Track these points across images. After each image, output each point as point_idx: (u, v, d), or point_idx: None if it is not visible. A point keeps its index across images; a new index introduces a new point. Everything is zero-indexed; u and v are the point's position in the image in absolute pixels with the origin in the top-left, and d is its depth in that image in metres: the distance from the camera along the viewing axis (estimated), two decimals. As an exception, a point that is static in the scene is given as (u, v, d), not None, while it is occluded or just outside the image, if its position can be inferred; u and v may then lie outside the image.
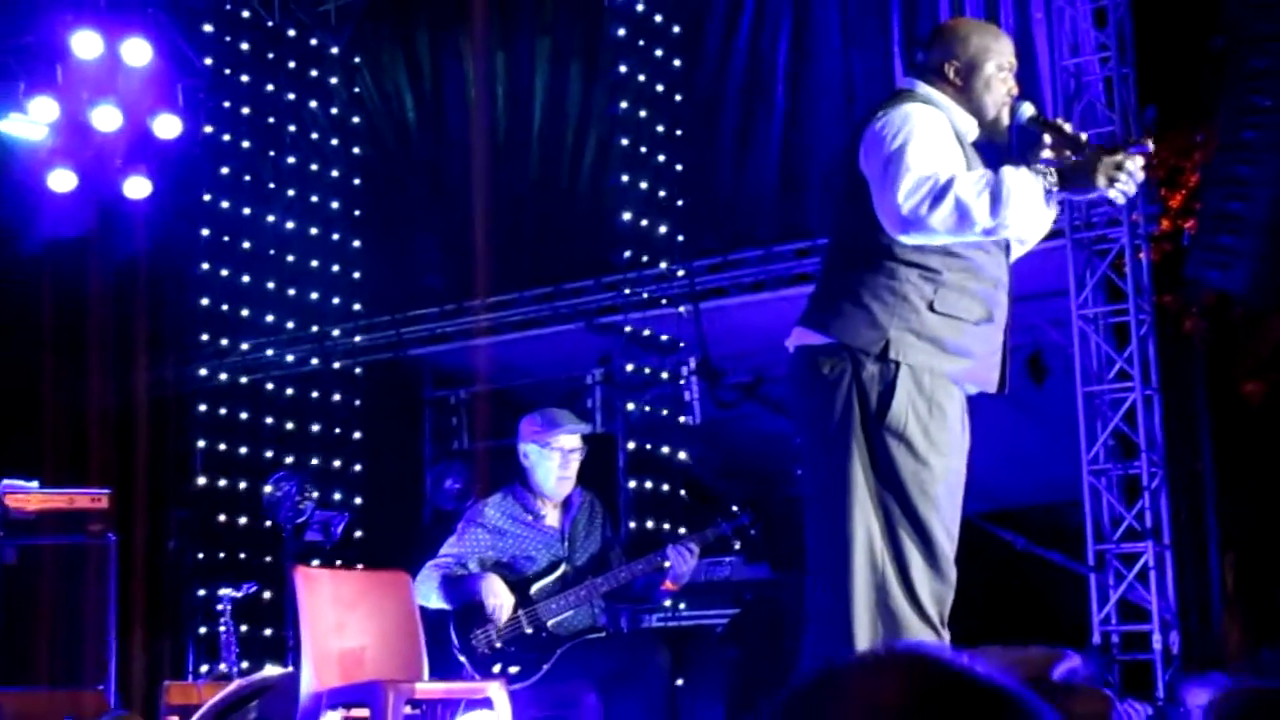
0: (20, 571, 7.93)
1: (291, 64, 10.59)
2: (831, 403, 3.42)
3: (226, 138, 10.28)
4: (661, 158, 9.37)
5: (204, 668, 8.76)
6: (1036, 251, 7.98)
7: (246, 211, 10.28)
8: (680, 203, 9.31)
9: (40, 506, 8.06)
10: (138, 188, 9.56)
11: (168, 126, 9.46)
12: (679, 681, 5.65)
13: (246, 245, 10.26)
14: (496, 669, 5.23)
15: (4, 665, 7.76)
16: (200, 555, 9.67)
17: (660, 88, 9.52)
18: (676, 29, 9.60)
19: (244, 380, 10.22)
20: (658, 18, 9.55)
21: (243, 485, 9.87)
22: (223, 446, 10.04)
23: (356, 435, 10.54)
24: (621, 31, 9.52)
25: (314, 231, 10.58)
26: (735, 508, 5.59)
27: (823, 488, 3.45)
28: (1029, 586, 7.88)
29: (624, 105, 9.46)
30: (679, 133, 9.50)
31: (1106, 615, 7.45)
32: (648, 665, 5.09)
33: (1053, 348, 8.35)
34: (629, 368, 8.89)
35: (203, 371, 10.07)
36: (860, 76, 8.92)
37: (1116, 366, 7.64)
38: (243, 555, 9.77)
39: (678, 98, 9.55)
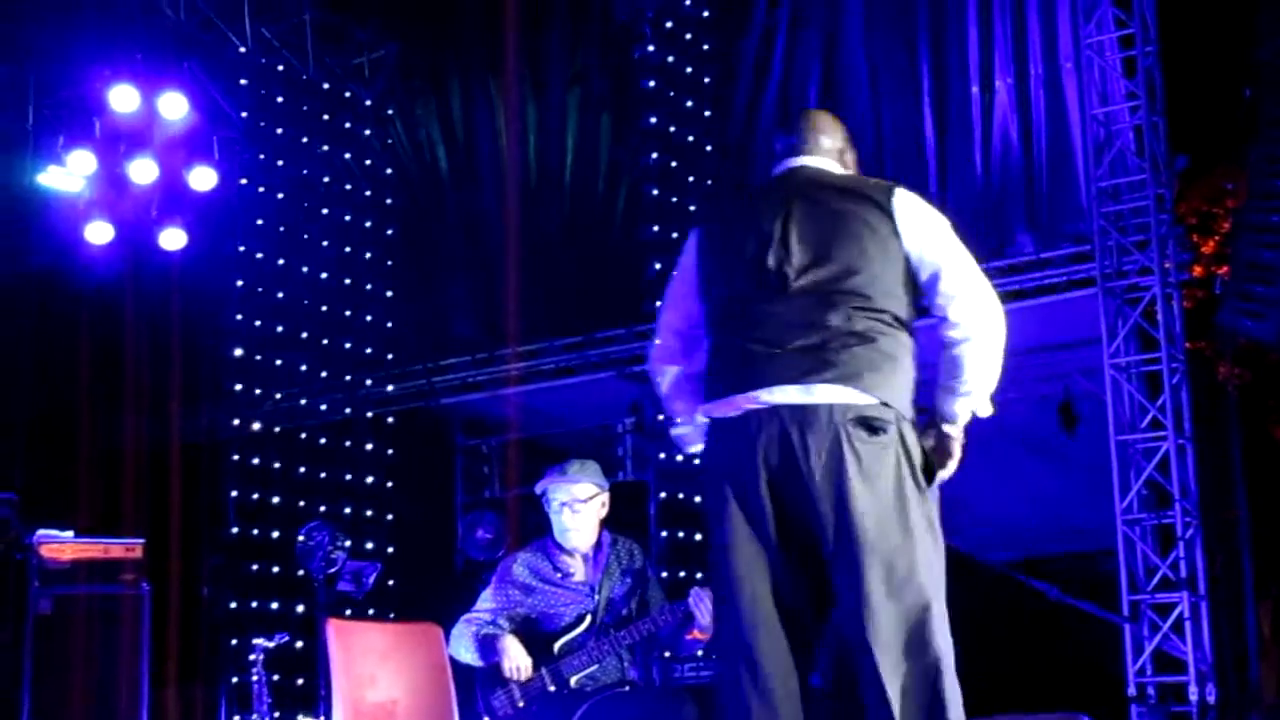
0: (55, 621, 7.97)
1: (326, 116, 10.69)
2: (887, 464, 3.31)
3: (261, 189, 10.37)
4: (693, 208, 9.41)
5: (236, 717, 8.77)
6: (1067, 300, 8.03)
7: (280, 262, 10.37)
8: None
9: (75, 556, 8.11)
10: (173, 239, 9.67)
11: (203, 179, 9.57)
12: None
13: (280, 295, 10.34)
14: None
15: (39, 714, 7.79)
16: (233, 604, 9.70)
17: (691, 138, 9.58)
18: (707, 80, 9.66)
19: (277, 429, 10.27)
20: (688, 69, 9.62)
21: (275, 534, 9.91)
22: (256, 495, 10.09)
23: (388, 484, 10.57)
24: (652, 83, 9.59)
25: (347, 281, 10.66)
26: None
27: (894, 550, 3.27)
28: (1061, 638, 7.83)
29: (655, 156, 9.52)
30: (709, 183, 9.54)
31: (1142, 666, 7.39)
32: (671, 723, 5.01)
33: (1084, 396, 8.33)
34: (660, 416, 8.90)
35: (236, 421, 10.12)
36: (889, 125, 8.97)
37: (1149, 415, 7.62)
38: (275, 605, 9.79)
39: (708, 148, 9.60)
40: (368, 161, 10.95)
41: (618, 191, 9.99)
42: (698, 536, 9.26)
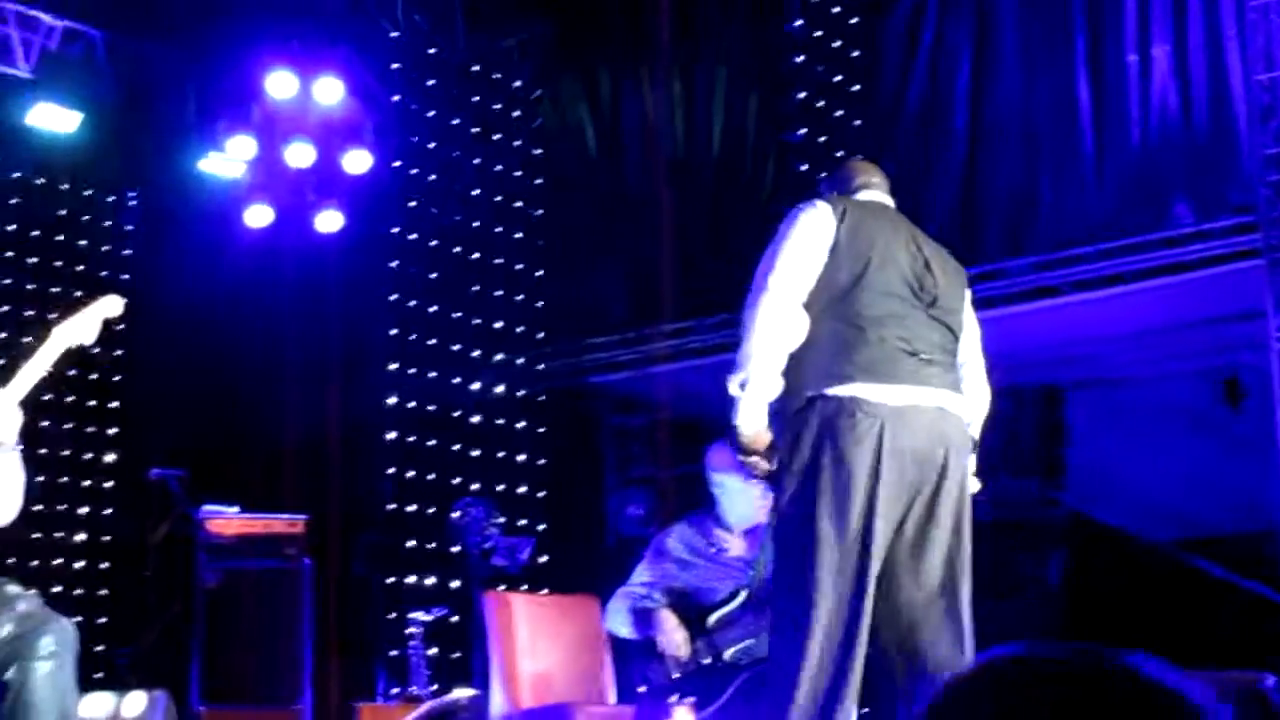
0: (221, 594, 8.21)
1: (475, 99, 10.82)
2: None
3: (413, 171, 10.53)
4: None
5: (394, 690, 8.94)
6: (1230, 272, 7.82)
7: (433, 243, 10.52)
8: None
9: (239, 531, 8.35)
10: (330, 221, 9.88)
11: (357, 162, 9.77)
12: (864, 710, 5.58)
13: (433, 275, 10.49)
14: (673, 700, 5.23)
15: (207, 685, 8.03)
16: (390, 580, 9.89)
17: (839, 113, 9.51)
18: (855, 54, 9.58)
19: (431, 408, 10.43)
20: (836, 43, 9.55)
21: (430, 511, 10.07)
22: (411, 473, 10.26)
23: (540, 461, 10.69)
24: (800, 58, 9.54)
25: (498, 261, 10.79)
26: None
27: (966, 552, 3.78)
28: (1221, 616, 7.66)
29: (803, 132, 9.47)
30: (858, 158, 9.44)
31: (1309, 647, 7.19)
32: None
33: (1250, 370, 8.12)
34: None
35: (391, 400, 10.30)
36: (1043, 96, 8.80)
37: (1317, 390, 7.39)
38: (431, 580, 9.97)
39: (856, 123, 9.53)
40: (517, 143, 11.05)
41: (765, 168, 9.95)
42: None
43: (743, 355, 3.73)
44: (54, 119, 9.08)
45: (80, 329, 4.25)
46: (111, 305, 4.34)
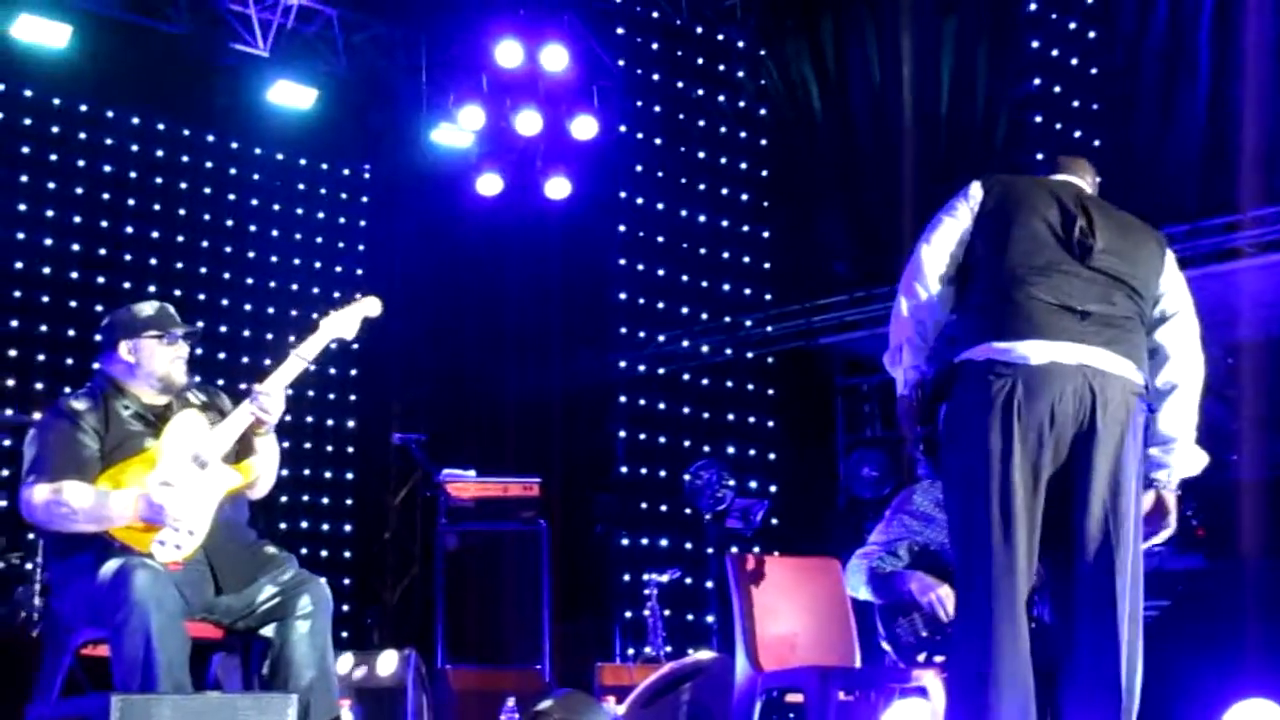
0: (460, 556, 8.38)
1: (699, 60, 10.78)
2: (1142, 440, 3.70)
3: (639, 135, 10.56)
4: (1078, 134, 9.05)
5: (630, 650, 9.02)
6: None
7: (660, 206, 10.54)
8: (1097, 180, 8.96)
9: (477, 494, 8.49)
10: (558, 188, 9.98)
11: (584, 128, 9.83)
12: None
13: (660, 239, 10.52)
14: (922, 658, 5.16)
15: (448, 644, 8.21)
16: (624, 541, 9.97)
17: (1074, 61, 9.20)
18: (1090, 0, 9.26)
19: (661, 371, 10.47)
20: (1071, -10, 9.25)
21: (662, 473, 10.12)
22: (642, 436, 10.32)
23: (770, 424, 10.65)
24: (1033, 6, 9.26)
25: (724, 223, 10.76)
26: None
27: (1138, 514, 3.64)
28: None
29: (1037, 81, 9.19)
30: (1095, 107, 9.15)
31: None
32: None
33: None
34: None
35: (622, 363, 10.37)
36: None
37: None
38: (664, 542, 10.02)
39: (1093, 71, 9.21)
40: (741, 104, 11.00)
41: (997, 121, 9.68)
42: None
43: (893, 335, 3.80)
44: (292, 96, 9.35)
45: (344, 324, 4.46)
46: (371, 305, 4.54)
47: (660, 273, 10.54)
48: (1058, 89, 9.17)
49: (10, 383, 9.25)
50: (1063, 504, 3.60)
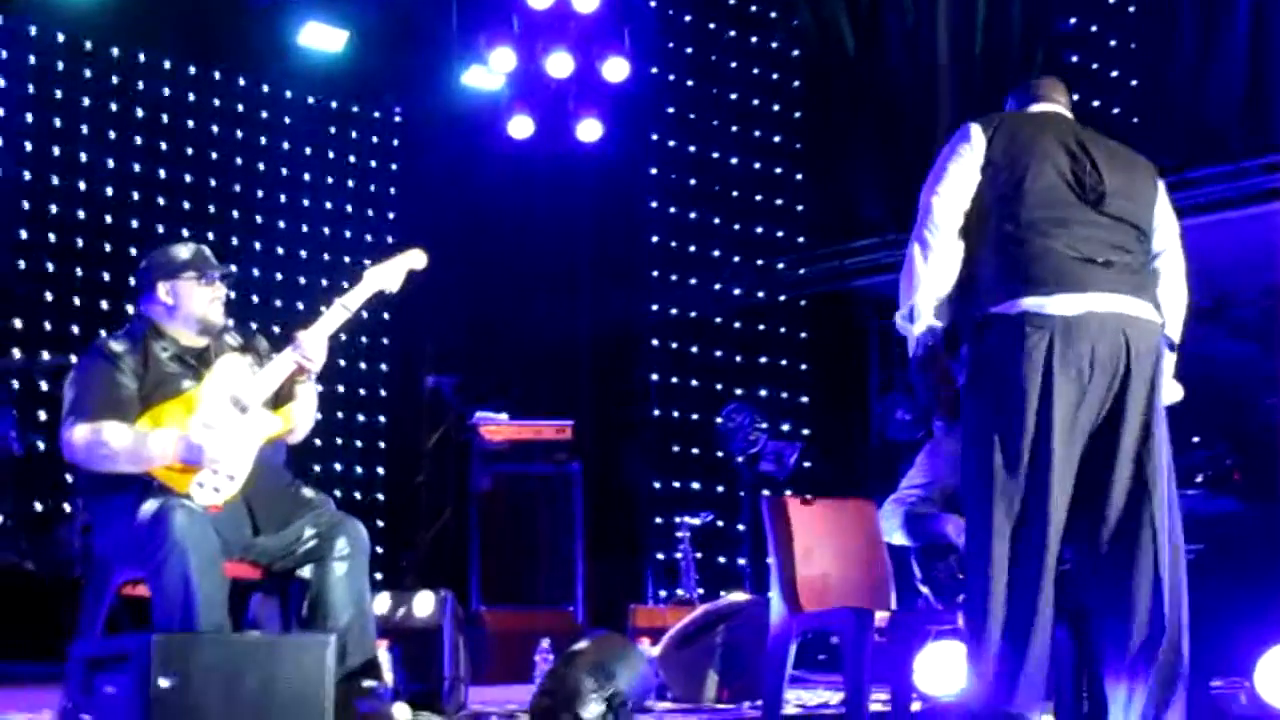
0: (494, 498, 8.42)
1: (731, 1, 10.70)
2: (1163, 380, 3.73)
3: (671, 77, 10.49)
4: (1115, 74, 8.95)
5: (662, 592, 9.06)
6: None
7: (691, 149, 10.49)
8: (1135, 120, 8.89)
9: (510, 437, 8.52)
10: (590, 130, 9.92)
11: (616, 69, 9.76)
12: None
13: (692, 182, 10.47)
14: (960, 599, 5.16)
15: (483, 585, 8.26)
16: (656, 485, 9.99)
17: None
18: (1129, -66, 9.15)
19: (693, 314, 10.45)
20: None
21: (695, 416, 10.12)
22: (675, 379, 10.31)
23: (803, 366, 10.63)
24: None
25: (756, 166, 10.70)
26: (1196, 439, 5.28)
27: (1168, 461, 3.65)
28: None
29: (1073, 20, 9.09)
30: (1133, 46, 9.05)
31: None
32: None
33: None
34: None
35: (655, 306, 10.35)
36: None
37: None
38: (696, 485, 10.04)
39: (1131, 9, 9.10)
40: (773, 44, 10.91)
41: (1033, 60, 9.57)
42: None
43: (906, 289, 3.71)
44: (322, 38, 9.32)
45: (388, 276, 4.50)
46: (416, 258, 4.58)
47: (692, 215, 10.50)
48: (1094, 27, 9.07)
49: (47, 326, 9.29)
50: (1097, 451, 3.59)
